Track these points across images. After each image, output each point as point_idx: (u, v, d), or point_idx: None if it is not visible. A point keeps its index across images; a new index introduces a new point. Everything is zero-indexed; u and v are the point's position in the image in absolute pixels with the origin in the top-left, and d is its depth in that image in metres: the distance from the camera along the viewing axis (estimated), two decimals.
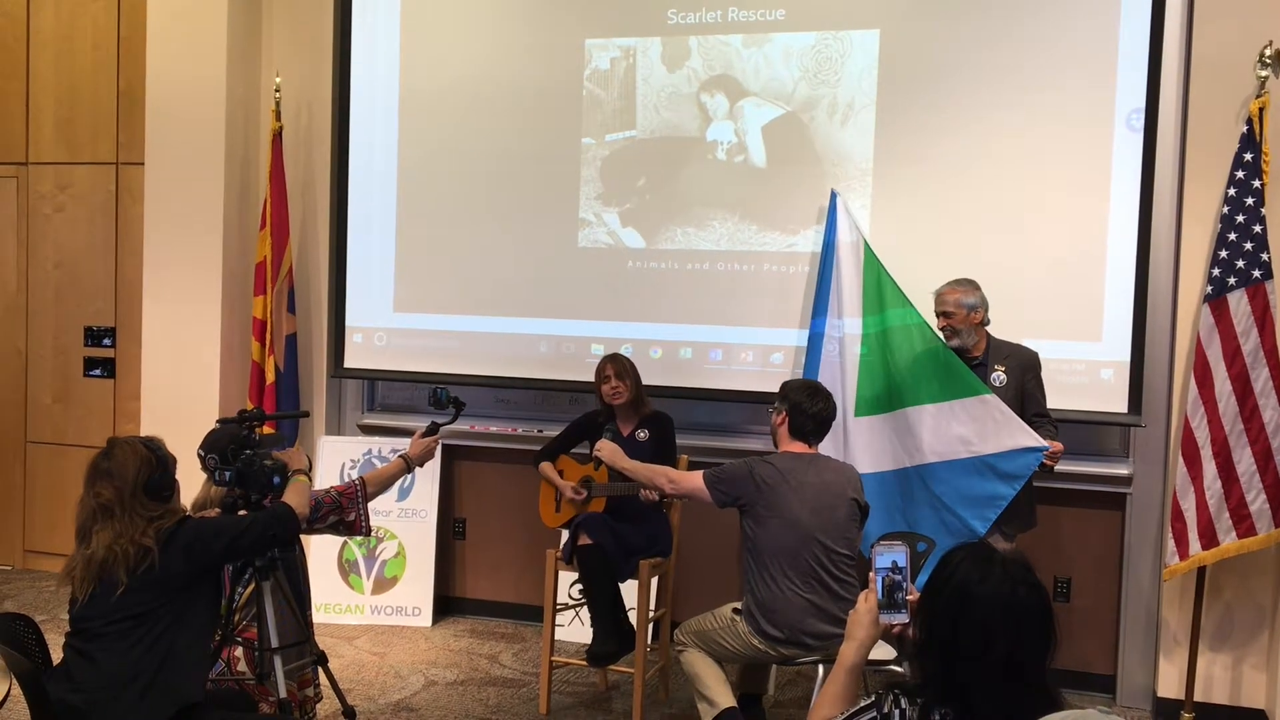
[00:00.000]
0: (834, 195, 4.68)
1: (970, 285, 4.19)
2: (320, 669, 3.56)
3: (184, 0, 5.43)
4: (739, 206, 4.93)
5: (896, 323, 4.40)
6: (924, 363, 4.28)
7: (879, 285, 4.48)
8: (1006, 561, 1.90)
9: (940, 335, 4.23)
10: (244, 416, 3.44)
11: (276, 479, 3.16)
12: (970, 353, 4.19)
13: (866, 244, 4.56)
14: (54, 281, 6.07)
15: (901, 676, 3.66)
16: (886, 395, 4.40)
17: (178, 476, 2.89)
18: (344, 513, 3.45)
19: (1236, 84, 4.27)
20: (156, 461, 2.78)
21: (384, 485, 3.63)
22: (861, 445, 4.42)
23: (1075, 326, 4.52)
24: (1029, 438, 4.02)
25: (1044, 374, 4.35)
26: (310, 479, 3.28)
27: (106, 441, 2.84)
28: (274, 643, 3.18)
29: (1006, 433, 4.04)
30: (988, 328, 4.22)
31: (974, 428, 4.10)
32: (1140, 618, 4.62)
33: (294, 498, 3.07)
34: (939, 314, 4.21)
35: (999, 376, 4.15)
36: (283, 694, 3.18)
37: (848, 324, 4.54)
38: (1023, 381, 4.16)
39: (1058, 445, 4.04)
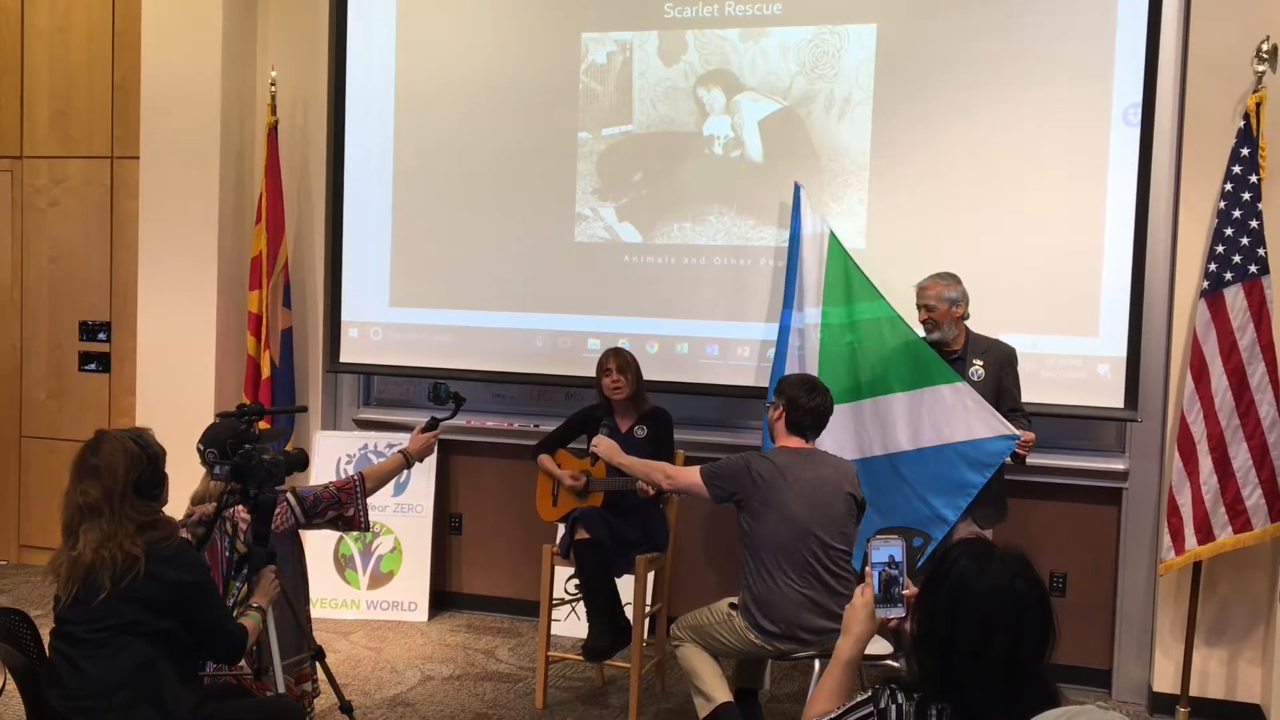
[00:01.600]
0: (797, 188, 4.67)
1: (952, 279, 4.20)
2: (318, 664, 3.55)
3: None
4: (735, 201, 4.93)
5: (866, 316, 4.39)
6: (895, 353, 4.29)
7: (846, 278, 4.47)
8: (1005, 555, 1.90)
9: (916, 328, 4.25)
10: (243, 411, 3.43)
11: (275, 473, 3.14)
12: (949, 346, 4.21)
13: (833, 236, 4.55)
14: (48, 276, 6.05)
15: (898, 671, 3.67)
16: (853, 386, 4.40)
17: (172, 470, 2.86)
18: (343, 508, 3.44)
19: (1233, 79, 4.27)
20: (147, 459, 2.71)
21: (383, 481, 3.62)
22: (826, 434, 4.41)
23: (1072, 321, 4.52)
24: (1001, 425, 4.04)
25: (1040, 369, 4.36)
26: (265, 619, 3.11)
27: (95, 434, 2.76)
28: (273, 641, 3.17)
29: (978, 420, 4.06)
30: (967, 322, 4.23)
31: (945, 415, 4.12)
32: (1136, 612, 4.63)
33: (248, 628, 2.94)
34: (920, 307, 4.22)
35: (977, 371, 4.17)
36: (280, 689, 3.17)
37: (809, 315, 4.53)
38: (1000, 376, 4.18)
39: (1029, 435, 4.06)
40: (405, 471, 3.86)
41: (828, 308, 4.49)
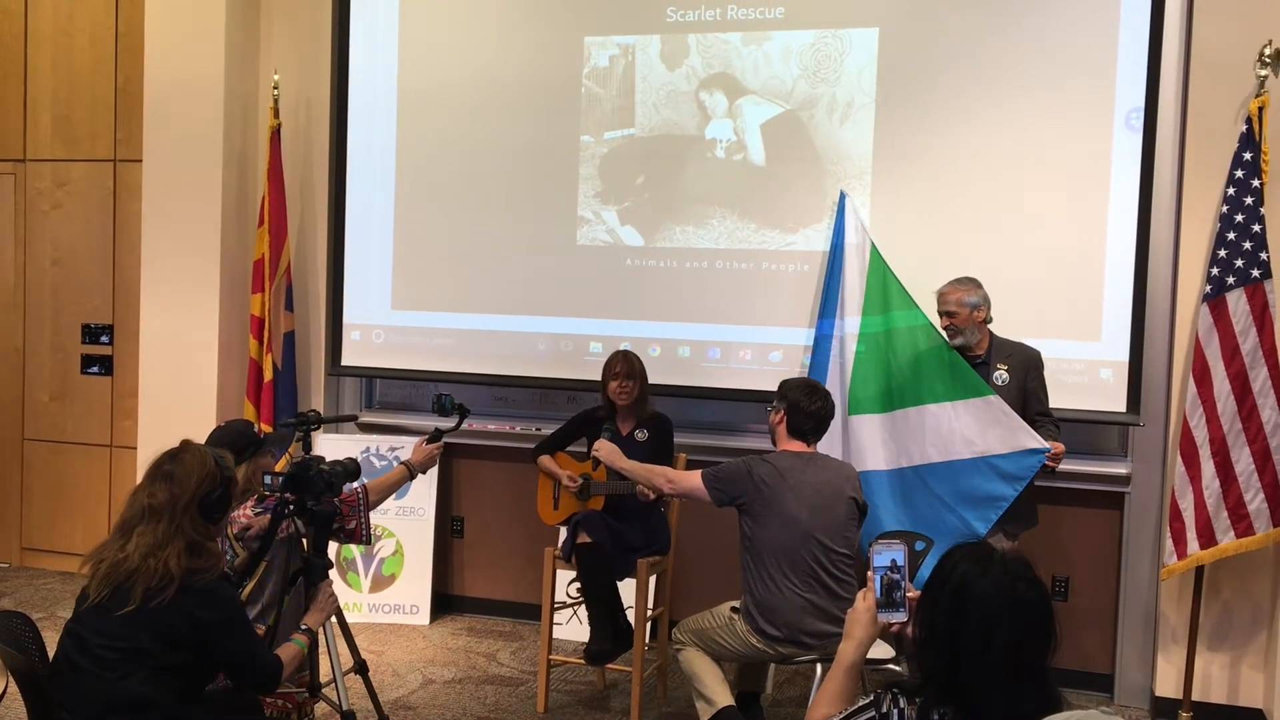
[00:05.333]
0: (843, 196, 4.69)
1: (972, 284, 4.19)
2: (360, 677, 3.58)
3: None
4: (738, 205, 4.93)
5: (902, 325, 4.41)
6: (927, 363, 4.28)
7: (884, 286, 4.48)
8: (1006, 558, 1.91)
9: (944, 335, 4.23)
10: (303, 420, 3.52)
11: (334, 484, 3.14)
12: (973, 351, 4.19)
13: (874, 246, 4.57)
14: (51, 279, 6.06)
15: (900, 675, 3.66)
16: (885, 395, 4.41)
17: None
18: (344, 520, 3.43)
19: (1236, 83, 4.26)
20: (221, 480, 2.69)
21: (386, 493, 3.61)
22: (856, 444, 4.42)
23: (1074, 326, 4.52)
24: (1032, 439, 4.02)
25: (1043, 373, 4.35)
26: (322, 636, 3.12)
27: (180, 442, 2.75)
28: (334, 656, 3.18)
29: (1010, 434, 4.04)
30: (990, 326, 4.22)
31: (977, 428, 4.10)
32: (1138, 617, 4.62)
33: (286, 659, 2.86)
34: (941, 313, 4.21)
35: (1001, 375, 4.15)
36: (345, 706, 3.19)
37: (849, 324, 4.55)
38: (1025, 380, 4.16)
39: (1059, 446, 4.04)
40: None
41: (867, 317, 4.50)
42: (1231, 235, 4.16)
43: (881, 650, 3.53)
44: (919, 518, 4.24)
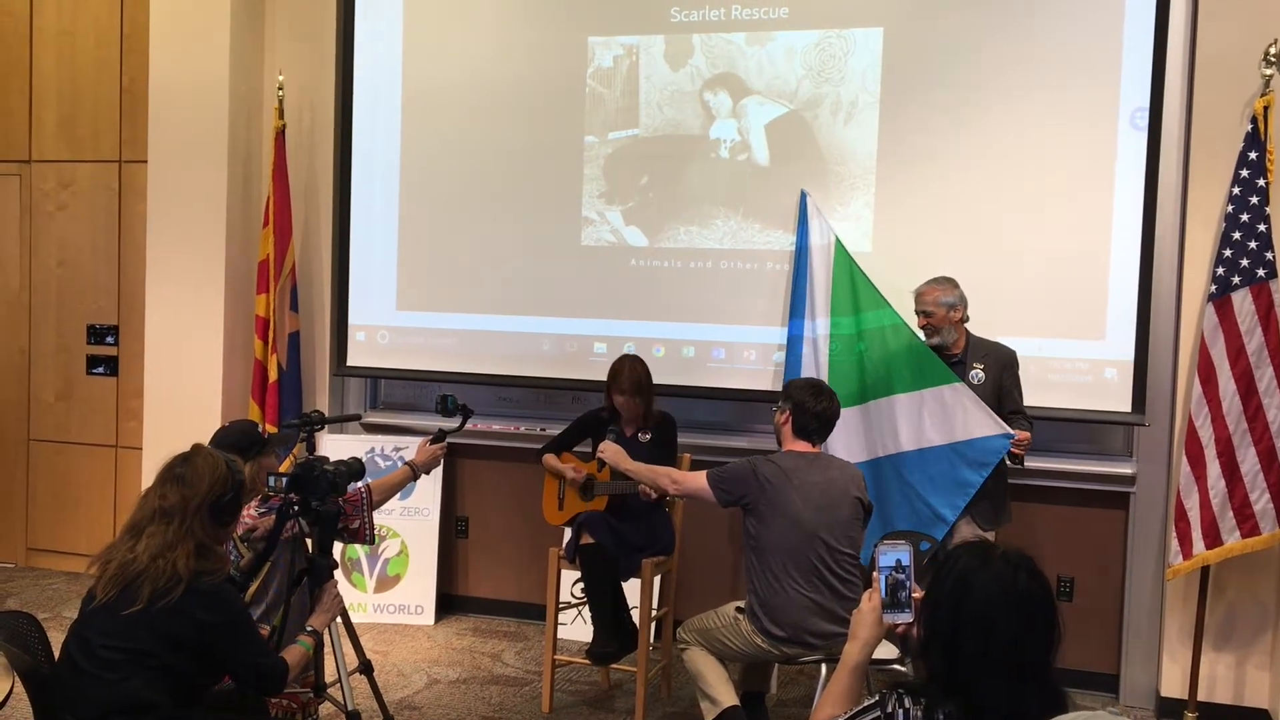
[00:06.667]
0: (804, 196, 4.70)
1: (949, 283, 4.22)
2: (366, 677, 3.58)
3: None
4: (742, 205, 4.93)
5: (872, 325, 4.45)
6: (897, 355, 4.35)
7: (852, 286, 4.52)
8: (1007, 553, 1.90)
9: (918, 333, 4.27)
10: (306, 420, 3.59)
11: (337, 484, 3.14)
12: (949, 350, 4.24)
13: (839, 244, 4.58)
14: (56, 280, 6.07)
15: (905, 675, 3.66)
16: (860, 390, 4.45)
17: None
18: (348, 520, 3.43)
19: (1241, 83, 4.26)
20: (233, 484, 2.70)
21: (389, 493, 3.62)
22: (838, 438, 4.44)
23: (1079, 325, 4.52)
24: (997, 425, 4.09)
25: (1047, 373, 4.36)
26: (317, 645, 3.09)
27: (191, 446, 2.76)
28: (340, 657, 3.19)
29: (975, 420, 4.11)
30: (967, 325, 4.24)
31: (944, 415, 4.18)
32: (1143, 617, 4.61)
33: (291, 661, 2.84)
34: (919, 312, 4.26)
35: (977, 374, 4.20)
36: (350, 706, 3.20)
37: (819, 325, 4.58)
38: (1000, 379, 4.21)
39: (1024, 434, 4.10)
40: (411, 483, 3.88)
41: (836, 318, 4.53)
42: (1237, 235, 4.16)
43: (886, 650, 3.53)
44: (892, 508, 4.30)
